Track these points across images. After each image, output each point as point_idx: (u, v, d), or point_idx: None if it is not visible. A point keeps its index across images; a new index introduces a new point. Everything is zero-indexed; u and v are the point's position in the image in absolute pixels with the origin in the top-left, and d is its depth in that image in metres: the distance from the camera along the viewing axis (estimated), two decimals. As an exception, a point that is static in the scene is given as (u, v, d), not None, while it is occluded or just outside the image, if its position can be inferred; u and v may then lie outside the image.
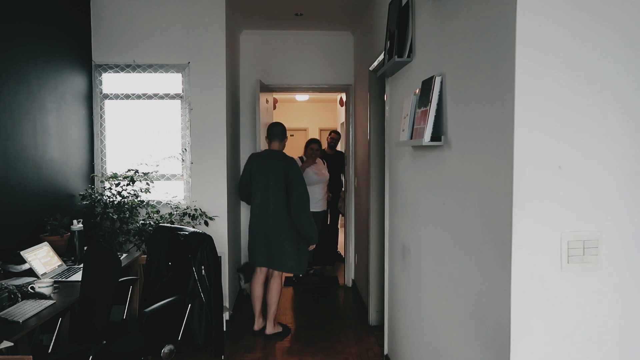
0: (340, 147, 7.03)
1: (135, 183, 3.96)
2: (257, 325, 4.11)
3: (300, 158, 5.53)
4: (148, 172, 4.03)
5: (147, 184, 4.00)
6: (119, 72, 4.20)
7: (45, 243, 3.06)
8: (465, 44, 1.93)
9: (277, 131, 4.08)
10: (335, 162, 6.15)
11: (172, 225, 3.43)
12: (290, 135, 7.29)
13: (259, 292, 4.10)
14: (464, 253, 1.94)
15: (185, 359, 3.52)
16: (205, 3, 4.20)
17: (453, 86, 2.05)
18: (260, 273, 4.07)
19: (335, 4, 4.42)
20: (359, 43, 5.04)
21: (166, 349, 2.66)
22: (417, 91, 2.43)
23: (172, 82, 4.27)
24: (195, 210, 4.16)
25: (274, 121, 4.65)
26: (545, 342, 1.53)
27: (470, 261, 1.88)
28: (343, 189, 5.98)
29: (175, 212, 4.08)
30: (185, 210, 4.11)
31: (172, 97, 4.27)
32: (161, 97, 4.26)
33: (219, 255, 3.28)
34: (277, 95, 6.95)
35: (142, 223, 3.91)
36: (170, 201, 4.23)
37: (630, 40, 1.50)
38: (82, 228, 3.36)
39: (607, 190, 1.51)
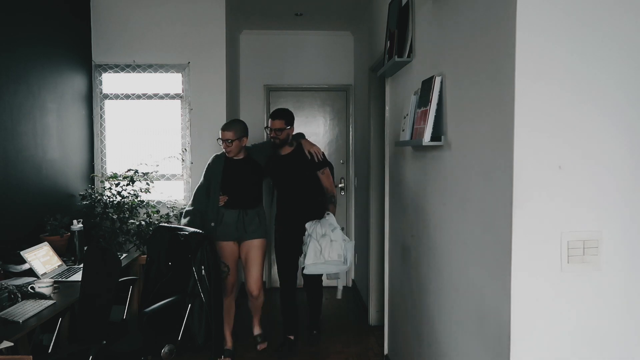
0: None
1: (135, 183, 3.96)
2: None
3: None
4: (148, 172, 4.03)
5: (147, 184, 4.00)
6: (118, 72, 4.19)
7: (45, 243, 3.06)
8: (465, 44, 1.93)
9: None
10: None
11: (172, 225, 3.43)
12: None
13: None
14: (464, 253, 1.94)
15: (185, 359, 3.52)
16: (205, 3, 4.20)
17: (453, 86, 2.05)
18: None
19: (335, 4, 4.42)
20: (359, 43, 5.03)
21: (166, 349, 2.66)
22: (417, 91, 2.43)
23: (172, 82, 4.27)
24: (195, 210, 4.16)
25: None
26: (546, 342, 1.53)
27: (470, 261, 1.88)
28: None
29: (175, 212, 4.08)
30: (185, 210, 4.11)
31: (172, 97, 4.27)
32: (161, 97, 4.25)
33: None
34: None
35: (142, 223, 3.91)
36: (171, 201, 4.22)
37: (630, 40, 1.50)
38: (82, 228, 3.36)
39: (607, 190, 1.51)
